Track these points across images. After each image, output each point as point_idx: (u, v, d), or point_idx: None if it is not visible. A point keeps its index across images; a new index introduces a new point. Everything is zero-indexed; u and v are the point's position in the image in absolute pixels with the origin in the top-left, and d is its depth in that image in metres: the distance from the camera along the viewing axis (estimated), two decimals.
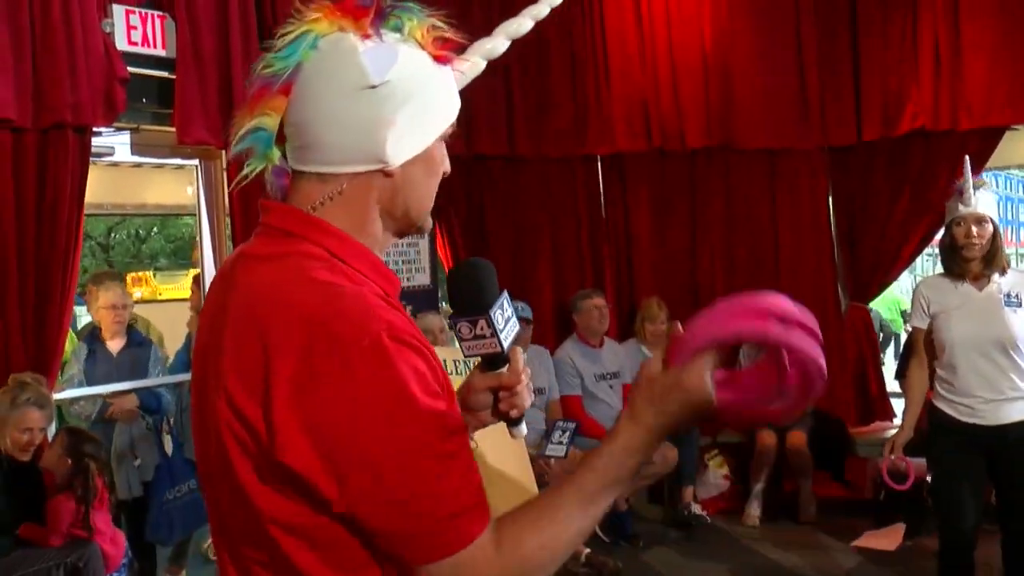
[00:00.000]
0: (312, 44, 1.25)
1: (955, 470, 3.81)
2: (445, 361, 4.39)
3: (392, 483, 1.11)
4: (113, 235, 16.72)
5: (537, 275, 6.38)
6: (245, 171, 1.31)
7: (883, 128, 6.21)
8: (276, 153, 1.30)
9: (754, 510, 5.86)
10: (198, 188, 4.93)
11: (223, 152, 4.69)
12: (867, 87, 6.28)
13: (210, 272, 4.97)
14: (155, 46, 4.39)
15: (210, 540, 5.26)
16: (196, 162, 4.90)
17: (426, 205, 1.35)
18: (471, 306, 1.46)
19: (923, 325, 3.90)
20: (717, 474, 6.16)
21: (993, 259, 3.78)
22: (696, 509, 5.76)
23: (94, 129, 4.18)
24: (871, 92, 6.26)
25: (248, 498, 1.17)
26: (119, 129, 4.43)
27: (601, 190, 6.57)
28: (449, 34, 1.32)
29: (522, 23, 1.43)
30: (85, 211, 4.23)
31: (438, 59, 1.31)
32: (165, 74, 4.44)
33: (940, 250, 4.02)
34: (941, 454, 3.89)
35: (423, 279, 6.00)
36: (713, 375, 1.19)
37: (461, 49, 1.38)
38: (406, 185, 1.30)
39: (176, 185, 7.95)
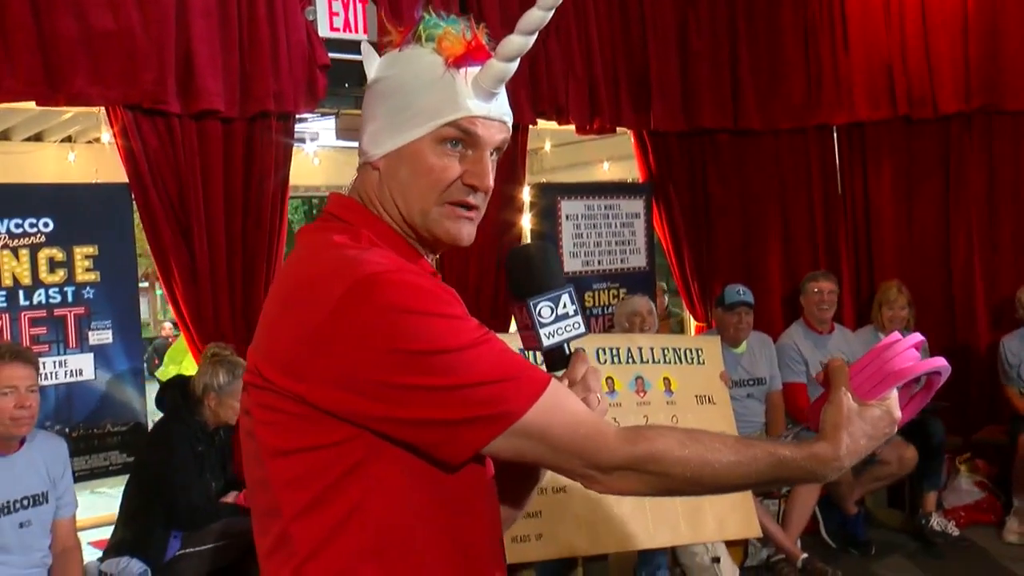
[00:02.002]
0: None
1: None
2: (641, 349, 4.18)
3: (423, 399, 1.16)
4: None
5: (765, 256, 5.96)
6: None
7: None
8: None
9: (1016, 526, 5.14)
10: None
11: None
12: None
13: None
14: (356, 31, 4.48)
15: None
16: None
17: (417, 207, 1.31)
18: (516, 291, 1.39)
19: None
20: (969, 480, 5.46)
21: None
22: (938, 520, 5.11)
23: (298, 115, 4.33)
24: None
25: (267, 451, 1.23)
26: (323, 115, 4.56)
27: (837, 163, 6.01)
28: (473, 38, 1.30)
29: (536, 15, 1.30)
30: (294, 193, 4.40)
31: (451, 61, 1.29)
32: None
33: None
34: None
35: (639, 260, 5.76)
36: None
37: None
38: (389, 180, 1.32)
39: None
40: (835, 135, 5.98)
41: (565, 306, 1.36)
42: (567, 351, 1.38)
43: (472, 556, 1.28)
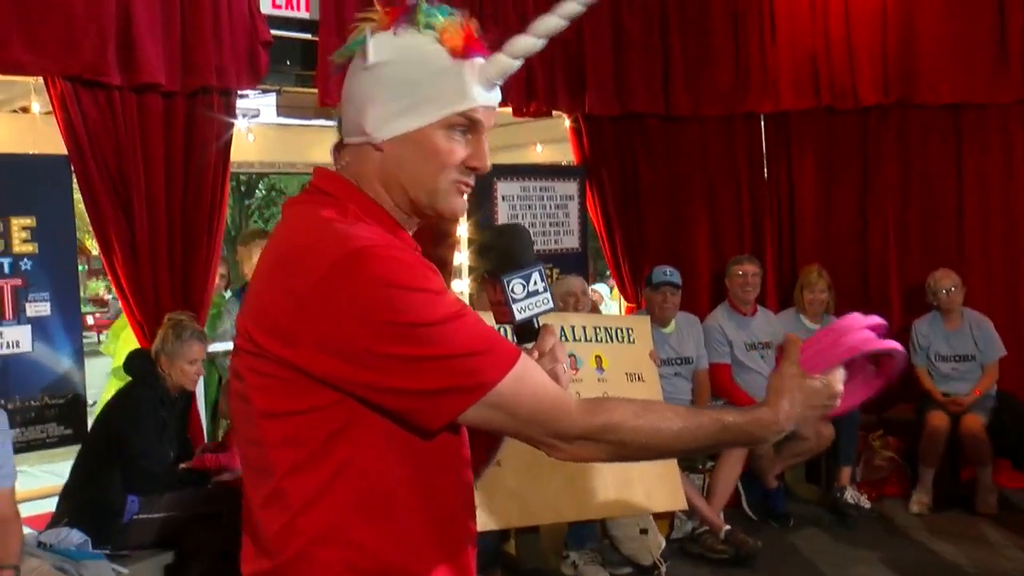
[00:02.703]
0: (362, 39, 1.39)
1: None
2: (574, 327, 4.30)
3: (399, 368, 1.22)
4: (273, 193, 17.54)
5: (693, 239, 6.15)
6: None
7: None
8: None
9: (922, 497, 5.44)
10: None
11: None
12: None
13: None
14: (299, 8, 4.49)
15: None
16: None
17: (423, 187, 1.38)
18: (495, 269, 1.47)
19: None
20: (881, 456, 5.74)
21: None
22: (851, 493, 5.38)
23: (240, 92, 4.33)
24: None
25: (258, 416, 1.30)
26: (264, 91, 4.57)
27: (763, 151, 6.23)
28: (475, 32, 1.39)
29: (553, 21, 1.41)
30: (235, 168, 4.41)
31: (456, 53, 1.36)
32: (309, 36, 4.54)
33: None
34: None
35: (571, 242, 5.89)
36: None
37: (493, 46, 1.42)
38: (396, 163, 1.38)
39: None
40: (762, 123, 6.19)
41: (535, 283, 1.45)
42: (536, 325, 1.47)
43: (447, 517, 1.37)
